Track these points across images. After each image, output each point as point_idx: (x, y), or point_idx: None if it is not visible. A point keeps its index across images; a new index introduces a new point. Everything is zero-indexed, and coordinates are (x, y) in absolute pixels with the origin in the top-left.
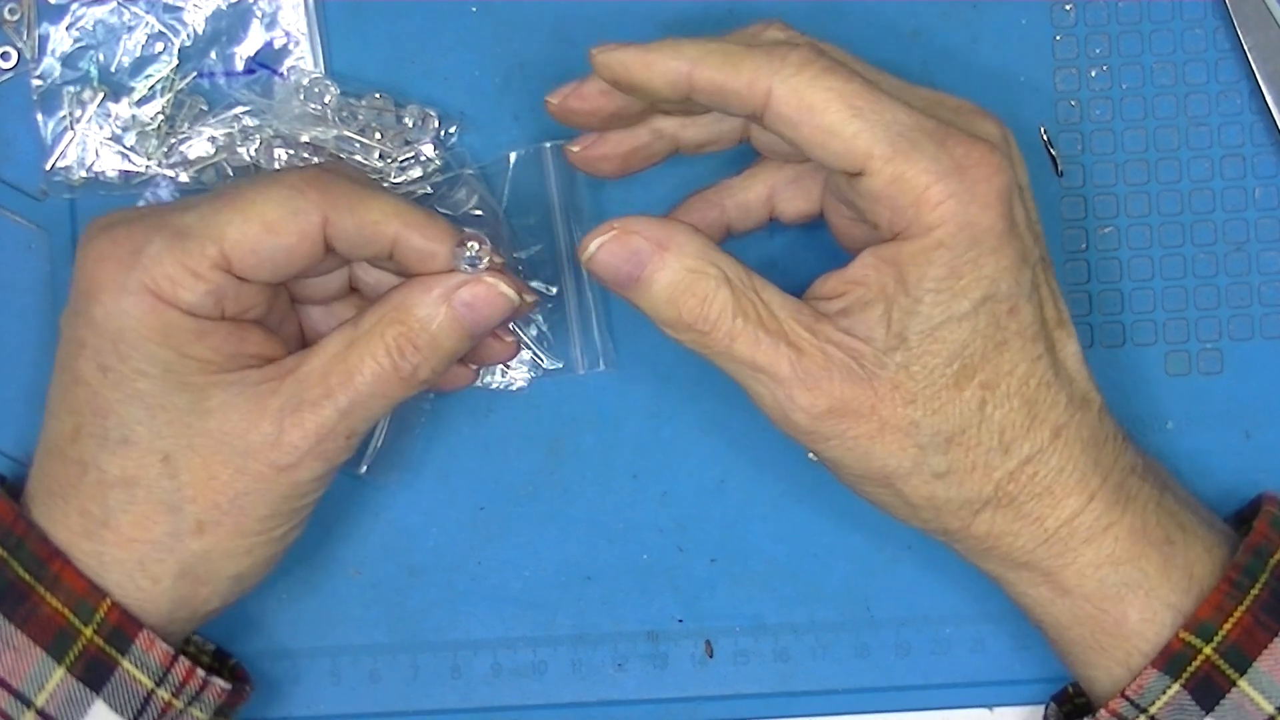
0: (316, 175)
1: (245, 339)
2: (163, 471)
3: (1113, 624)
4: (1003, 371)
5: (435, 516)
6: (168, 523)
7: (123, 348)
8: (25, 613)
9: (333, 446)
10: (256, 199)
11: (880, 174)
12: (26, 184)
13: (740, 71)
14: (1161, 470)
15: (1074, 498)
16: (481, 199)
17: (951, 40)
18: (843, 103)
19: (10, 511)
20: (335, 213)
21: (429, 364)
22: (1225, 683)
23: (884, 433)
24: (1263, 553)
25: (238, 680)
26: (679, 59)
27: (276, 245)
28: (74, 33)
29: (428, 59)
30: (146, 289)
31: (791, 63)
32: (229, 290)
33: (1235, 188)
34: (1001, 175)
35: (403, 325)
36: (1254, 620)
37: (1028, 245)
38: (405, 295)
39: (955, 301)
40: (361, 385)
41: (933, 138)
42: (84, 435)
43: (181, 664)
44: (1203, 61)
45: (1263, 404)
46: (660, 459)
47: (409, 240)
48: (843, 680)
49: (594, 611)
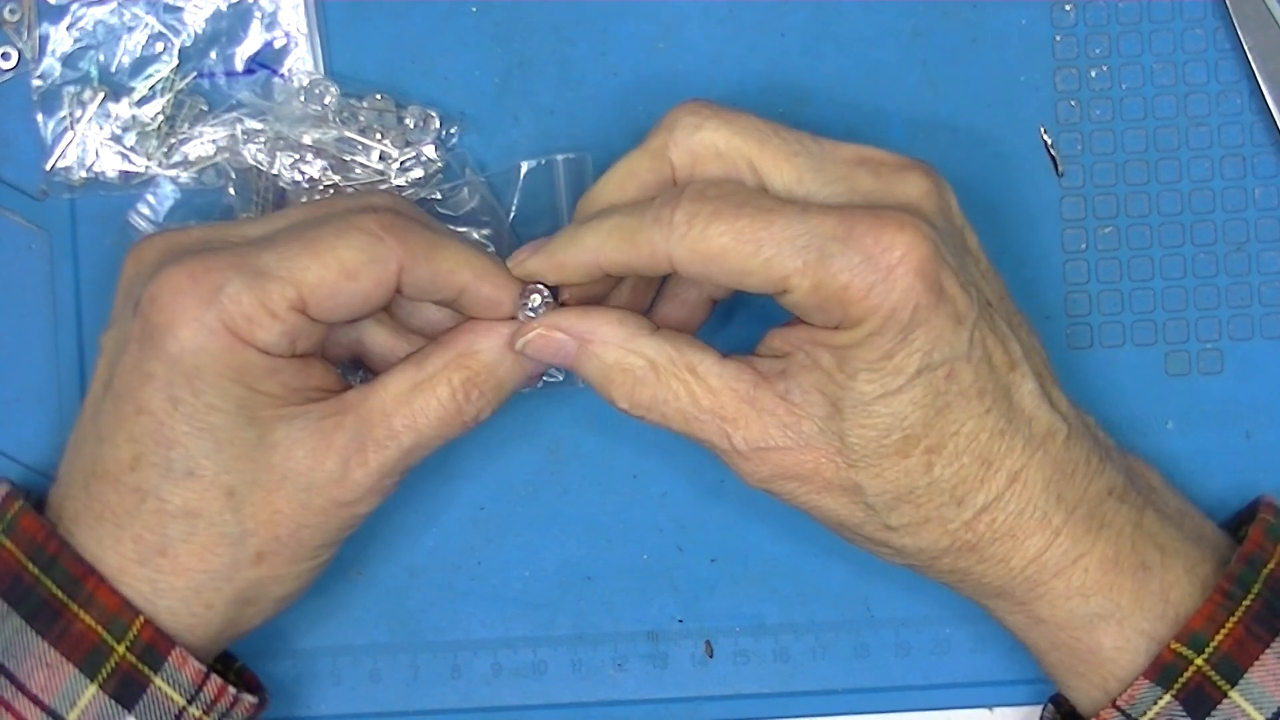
0: (393, 222)
1: (310, 374)
2: (226, 505)
3: (1087, 651)
4: (948, 433)
5: (435, 516)
6: (228, 555)
7: (197, 383)
8: (59, 630)
9: (391, 483)
10: (337, 244)
11: (799, 289)
12: (26, 184)
13: (638, 247)
14: (1151, 479)
15: (1036, 537)
16: (484, 201)
17: (951, 40)
18: (740, 242)
19: (42, 530)
20: (412, 260)
21: (491, 406)
22: (1217, 694)
23: (830, 491)
24: (1256, 562)
25: (249, 687)
26: (583, 252)
27: (354, 291)
28: (74, 33)
29: (428, 59)
30: (225, 328)
31: (679, 223)
32: (303, 330)
33: (1235, 188)
34: (918, 249)
35: (469, 370)
36: (1246, 631)
37: (961, 305)
38: (472, 341)
39: (889, 379)
40: (426, 428)
41: (838, 237)
42: (145, 465)
43: (213, 682)
44: (1203, 61)
45: (1263, 404)
46: (660, 459)
47: (479, 290)
48: (843, 680)
49: (594, 611)
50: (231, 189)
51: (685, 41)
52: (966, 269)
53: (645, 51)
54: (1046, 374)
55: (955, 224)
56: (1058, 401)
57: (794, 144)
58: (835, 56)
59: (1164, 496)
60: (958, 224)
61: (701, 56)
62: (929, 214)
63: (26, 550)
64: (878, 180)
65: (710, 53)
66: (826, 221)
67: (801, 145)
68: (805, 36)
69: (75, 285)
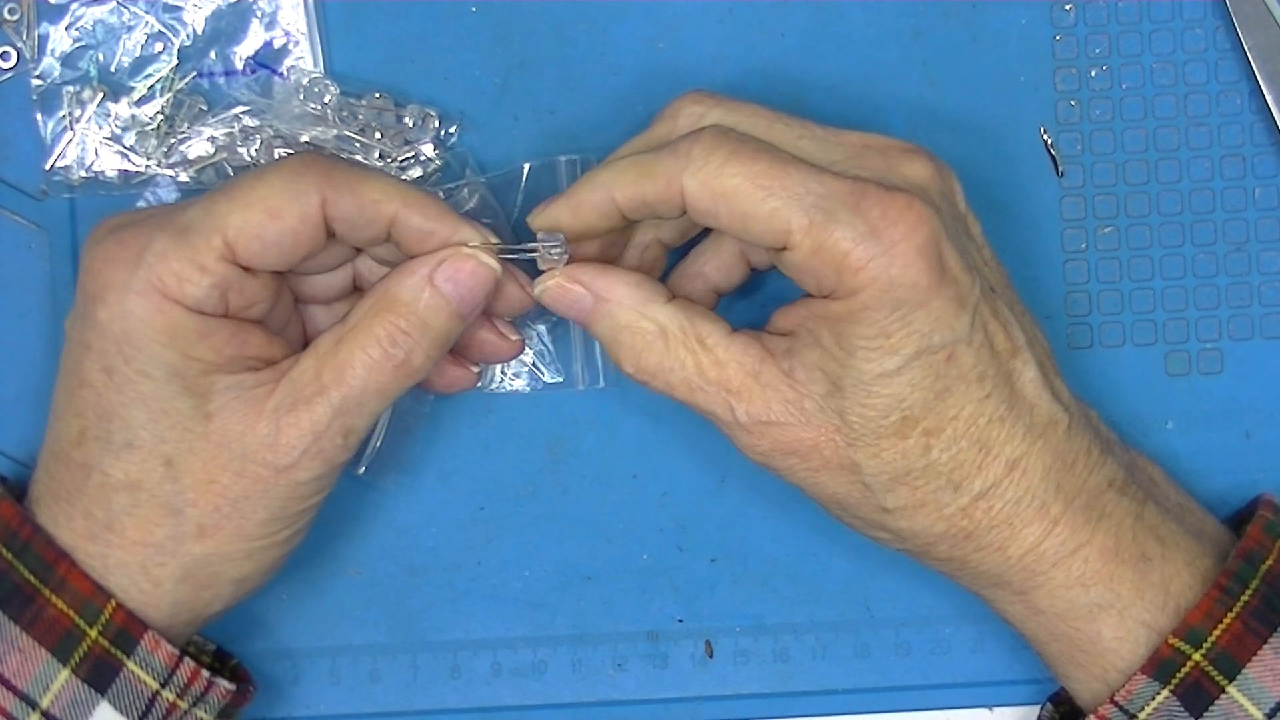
0: (314, 158)
1: (247, 341)
2: (165, 475)
3: (1087, 642)
4: (947, 417)
5: (435, 516)
6: (169, 526)
7: (127, 349)
8: (31, 615)
9: (329, 446)
10: (256, 185)
11: (800, 247)
12: (26, 184)
13: (654, 178)
14: (1153, 473)
15: (1034, 526)
16: (484, 201)
17: (951, 40)
18: (752, 185)
19: (16, 515)
20: (335, 192)
21: (421, 349)
22: (1214, 689)
23: (828, 469)
24: (1254, 559)
25: (240, 681)
26: (599, 190)
27: (280, 229)
28: (74, 32)
29: (428, 59)
30: (153, 287)
31: (696, 156)
32: (234, 282)
33: (1235, 188)
34: (922, 228)
35: (389, 313)
36: (1244, 627)
37: (963, 287)
38: (388, 283)
39: (886, 358)
40: (353, 379)
41: (847, 203)
42: (89, 439)
43: (186, 665)
44: (1203, 61)
45: (1263, 404)
46: (660, 459)
47: (408, 220)
48: (843, 680)
49: (594, 611)
50: None
51: (685, 41)
52: (969, 254)
53: (645, 51)
54: (1049, 364)
55: (959, 210)
56: (1060, 391)
57: (798, 129)
58: (835, 56)
59: (1165, 491)
60: (961, 210)
61: (701, 56)
62: (933, 196)
63: (1, 536)
64: (884, 161)
65: (710, 53)
66: (839, 186)
67: (806, 130)
68: (805, 36)
69: (75, 285)
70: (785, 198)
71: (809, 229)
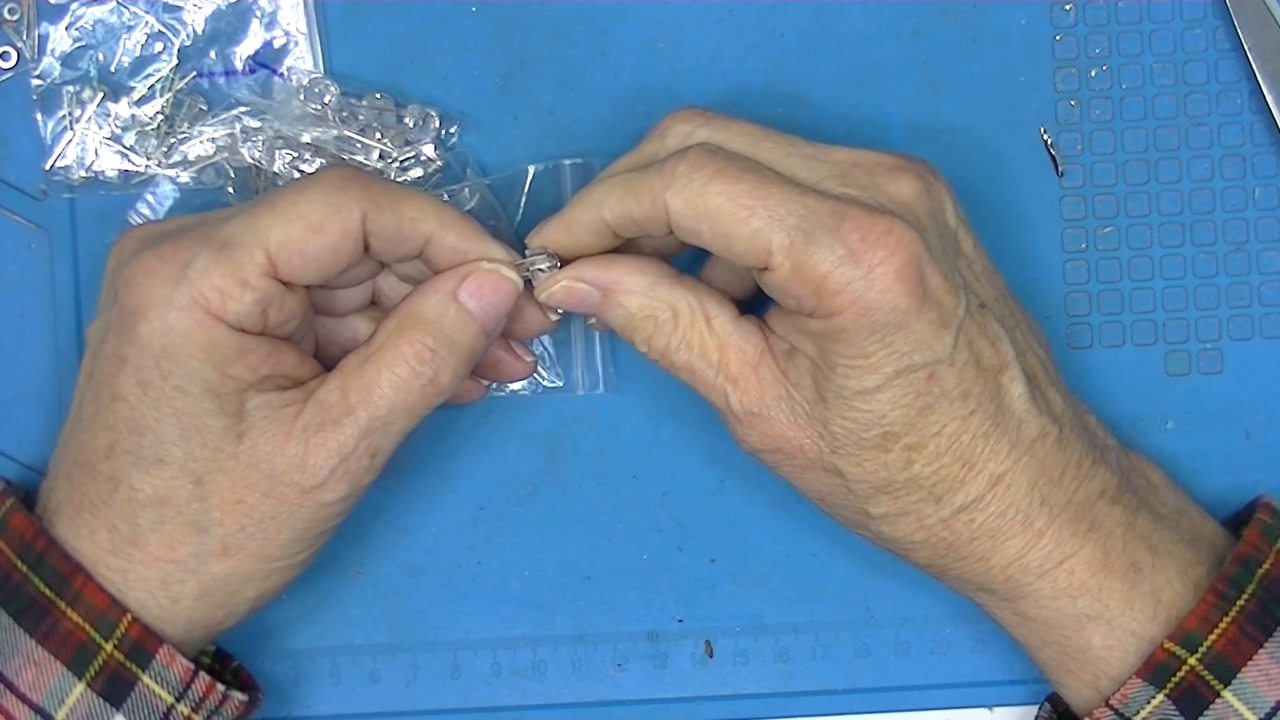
0: (353, 173)
1: (282, 360)
2: (194, 493)
3: (1076, 650)
4: (929, 433)
5: (435, 516)
6: (194, 544)
7: (165, 364)
8: (46, 628)
9: (356, 466)
10: (297, 200)
11: (780, 268)
12: (26, 184)
13: (639, 197)
14: (1151, 476)
15: (1016, 539)
16: (485, 201)
17: (951, 40)
18: (735, 204)
19: (30, 527)
20: (375, 209)
21: (448, 366)
22: (1209, 693)
23: (813, 469)
24: (1250, 563)
25: (244, 685)
26: (590, 209)
27: (321, 244)
28: (74, 32)
29: (428, 59)
30: (195, 304)
31: (680, 175)
32: (274, 298)
33: (1235, 188)
34: (902, 252)
35: (415, 331)
36: (1239, 632)
37: (946, 309)
38: (412, 302)
39: (866, 376)
40: (380, 399)
41: (827, 225)
42: (119, 452)
43: (201, 679)
44: (1203, 61)
45: (1263, 404)
46: (660, 459)
47: (443, 239)
48: (843, 680)
49: (594, 611)
50: (231, 188)
51: (685, 41)
52: (957, 271)
53: (645, 51)
54: (1043, 374)
55: (948, 225)
56: (1051, 403)
57: (786, 146)
58: (835, 56)
59: (1162, 495)
60: (951, 225)
61: (701, 57)
62: (919, 216)
63: (15, 548)
64: (870, 179)
65: (710, 53)
66: (821, 207)
67: (794, 148)
68: (805, 36)
69: (75, 285)
70: (767, 218)
71: (789, 250)
